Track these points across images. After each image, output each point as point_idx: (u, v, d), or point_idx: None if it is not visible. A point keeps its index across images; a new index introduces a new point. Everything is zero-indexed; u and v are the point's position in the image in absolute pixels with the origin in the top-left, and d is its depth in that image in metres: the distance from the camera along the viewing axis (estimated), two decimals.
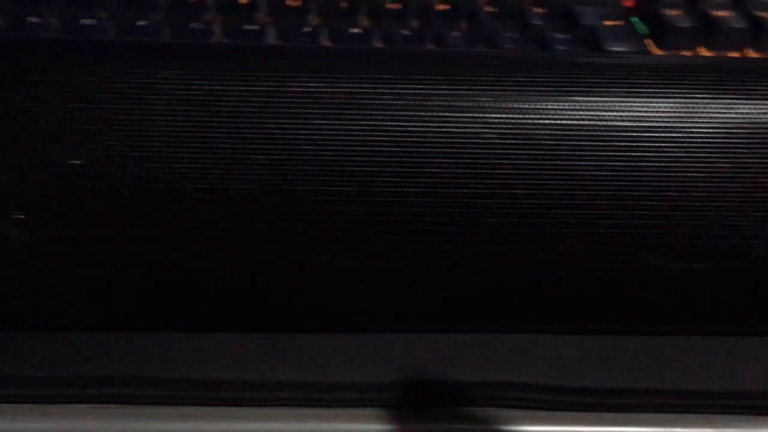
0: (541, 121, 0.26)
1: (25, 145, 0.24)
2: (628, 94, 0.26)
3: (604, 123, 0.26)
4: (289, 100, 0.25)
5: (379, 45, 0.39)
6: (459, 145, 0.25)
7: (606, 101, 0.26)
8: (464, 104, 0.26)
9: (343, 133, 0.25)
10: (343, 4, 0.40)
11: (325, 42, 0.39)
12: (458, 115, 0.26)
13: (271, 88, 0.25)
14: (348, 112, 0.25)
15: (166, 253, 0.25)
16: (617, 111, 0.26)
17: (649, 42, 0.40)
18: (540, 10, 0.41)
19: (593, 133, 0.26)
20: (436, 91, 0.26)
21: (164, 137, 0.25)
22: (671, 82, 0.27)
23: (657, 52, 0.39)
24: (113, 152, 0.24)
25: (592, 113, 0.26)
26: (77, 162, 0.24)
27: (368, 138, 0.25)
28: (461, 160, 0.25)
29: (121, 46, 0.27)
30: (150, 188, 0.24)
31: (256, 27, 0.39)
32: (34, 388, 0.26)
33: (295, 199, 0.25)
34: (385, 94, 0.26)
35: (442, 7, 0.41)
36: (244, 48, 0.29)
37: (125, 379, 0.26)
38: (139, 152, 0.25)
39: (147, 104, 0.25)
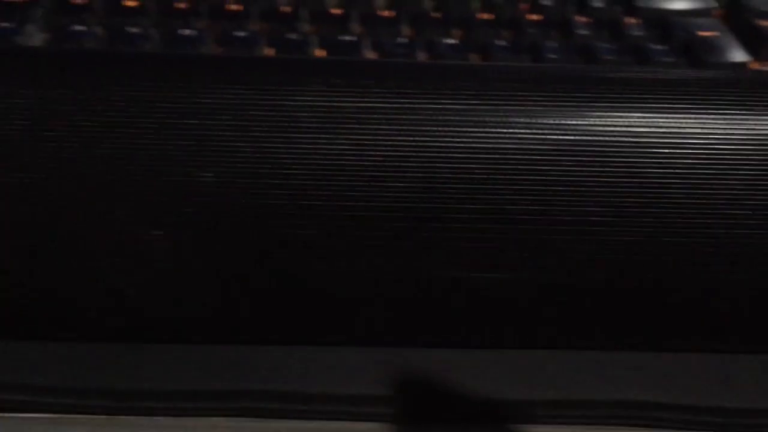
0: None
1: (157, 162, 0.25)
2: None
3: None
4: (425, 117, 0.26)
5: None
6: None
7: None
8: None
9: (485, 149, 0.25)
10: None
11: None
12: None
13: (416, 105, 0.26)
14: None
15: (304, 266, 0.26)
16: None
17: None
18: (635, 21, 0.40)
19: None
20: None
21: (298, 152, 0.25)
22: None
23: (754, 65, 0.39)
24: (245, 166, 0.25)
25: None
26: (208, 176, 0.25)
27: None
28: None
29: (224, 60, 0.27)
30: (285, 203, 0.25)
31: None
32: (177, 401, 0.26)
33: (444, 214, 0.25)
34: None
35: (532, 17, 0.41)
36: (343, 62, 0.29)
37: (265, 393, 0.26)
38: (271, 167, 0.25)
39: (281, 119, 0.25)
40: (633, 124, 0.26)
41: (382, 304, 0.27)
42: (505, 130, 0.26)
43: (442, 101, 0.26)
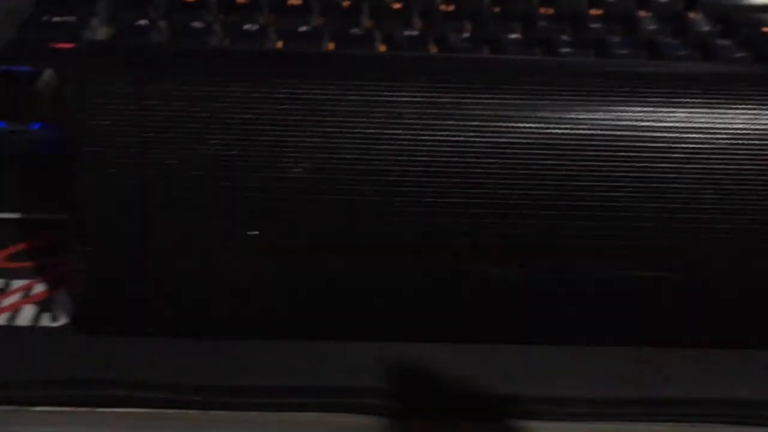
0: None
1: (249, 158, 0.24)
2: None
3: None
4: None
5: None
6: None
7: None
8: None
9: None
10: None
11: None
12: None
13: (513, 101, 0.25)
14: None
15: (400, 263, 0.25)
16: None
17: None
18: (697, 16, 0.40)
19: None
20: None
21: (396, 147, 0.25)
22: None
23: None
24: (339, 161, 0.24)
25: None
26: (300, 171, 0.24)
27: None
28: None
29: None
30: (379, 199, 0.25)
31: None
32: (272, 397, 0.26)
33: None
34: None
35: (595, 12, 0.40)
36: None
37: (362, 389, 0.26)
38: (367, 164, 0.25)
39: (377, 115, 0.25)
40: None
41: (477, 300, 0.26)
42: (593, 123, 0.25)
43: (543, 96, 0.25)
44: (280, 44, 0.38)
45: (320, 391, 0.26)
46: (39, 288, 0.29)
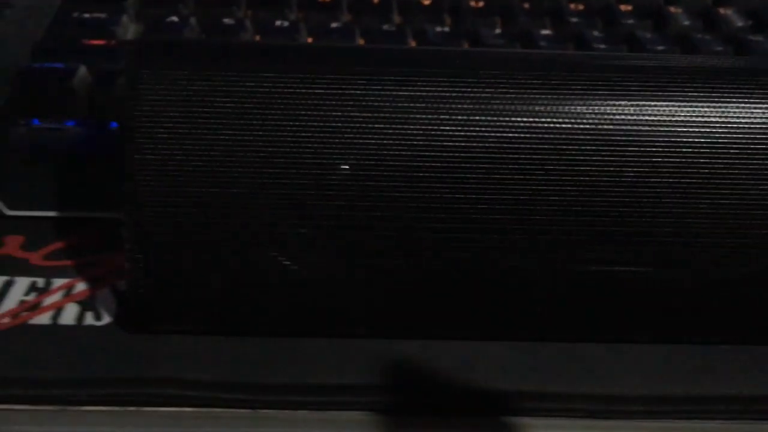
0: None
1: (300, 155, 0.24)
2: None
3: None
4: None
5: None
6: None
7: None
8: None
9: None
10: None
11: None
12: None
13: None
14: None
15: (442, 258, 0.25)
16: None
17: None
18: (728, 11, 0.40)
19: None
20: None
21: (437, 144, 0.24)
22: None
23: None
24: (383, 157, 0.24)
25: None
26: (348, 169, 0.24)
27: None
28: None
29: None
30: (424, 194, 0.24)
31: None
32: (330, 395, 0.25)
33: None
34: None
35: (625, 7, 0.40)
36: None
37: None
38: (409, 160, 0.24)
39: (419, 110, 0.24)
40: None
41: (521, 295, 0.26)
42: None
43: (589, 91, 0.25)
44: (310, 40, 0.37)
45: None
46: (80, 287, 0.28)
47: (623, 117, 0.25)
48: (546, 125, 0.25)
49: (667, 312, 0.27)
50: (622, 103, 0.25)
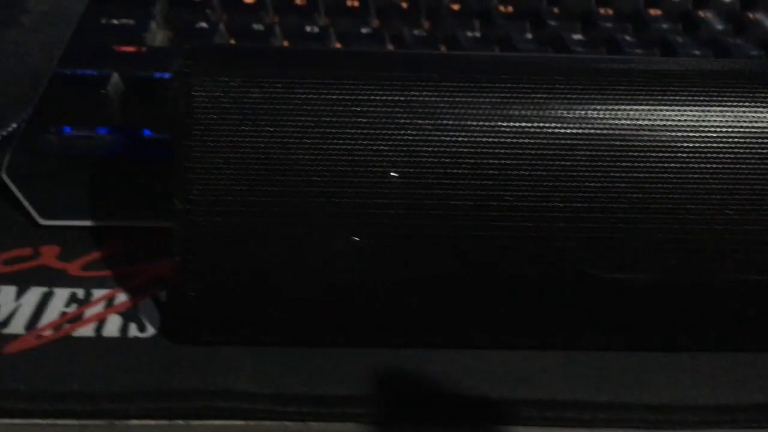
0: None
1: (343, 157, 0.24)
2: None
3: None
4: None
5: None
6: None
7: None
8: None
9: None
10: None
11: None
12: None
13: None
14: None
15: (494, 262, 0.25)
16: None
17: None
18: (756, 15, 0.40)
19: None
20: None
21: (487, 150, 0.24)
22: None
23: None
24: (431, 164, 0.24)
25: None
26: (398, 177, 0.24)
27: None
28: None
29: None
30: (478, 203, 0.24)
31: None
32: (371, 407, 0.25)
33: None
34: None
35: (655, 12, 0.40)
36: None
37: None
38: (459, 166, 0.24)
39: (466, 116, 0.24)
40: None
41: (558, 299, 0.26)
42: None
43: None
44: (339, 46, 0.37)
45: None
46: (121, 297, 0.28)
47: (655, 123, 0.25)
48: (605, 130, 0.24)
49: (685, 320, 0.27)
50: (648, 108, 0.25)
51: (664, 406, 0.26)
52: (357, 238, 0.24)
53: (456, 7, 0.40)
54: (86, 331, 0.27)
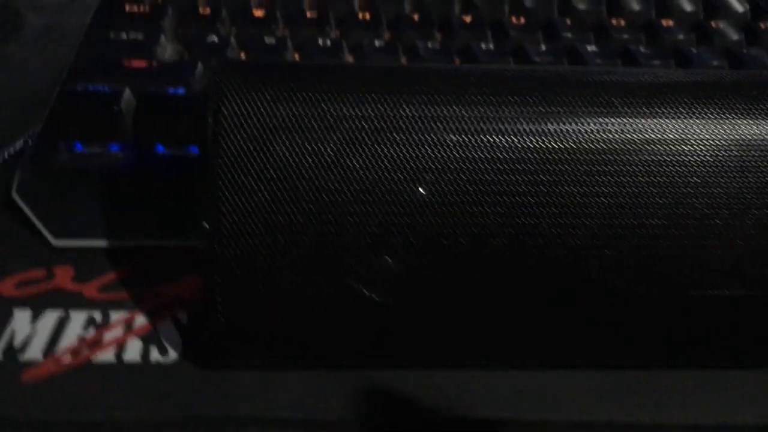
0: None
1: (381, 181, 0.23)
2: None
3: None
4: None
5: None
6: None
7: None
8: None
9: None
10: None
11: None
12: None
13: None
14: None
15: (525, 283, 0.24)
16: None
17: None
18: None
19: None
20: None
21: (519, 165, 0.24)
22: None
23: None
24: (459, 181, 0.23)
25: None
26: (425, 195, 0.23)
27: None
28: None
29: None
30: (509, 224, 0.24)
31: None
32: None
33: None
34: None
35: (667, 22, 0.40)
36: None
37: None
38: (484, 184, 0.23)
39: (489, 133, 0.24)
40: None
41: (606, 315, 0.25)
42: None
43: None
44: (351, 59, 0.36)
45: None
46: (140, 320, 0.27)
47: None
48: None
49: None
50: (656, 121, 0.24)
51: (700, 426, 0.25)
52: (389, 259, 0.24)
53: (468, 18, 0.39)
54: (106, 356, 0.26)
